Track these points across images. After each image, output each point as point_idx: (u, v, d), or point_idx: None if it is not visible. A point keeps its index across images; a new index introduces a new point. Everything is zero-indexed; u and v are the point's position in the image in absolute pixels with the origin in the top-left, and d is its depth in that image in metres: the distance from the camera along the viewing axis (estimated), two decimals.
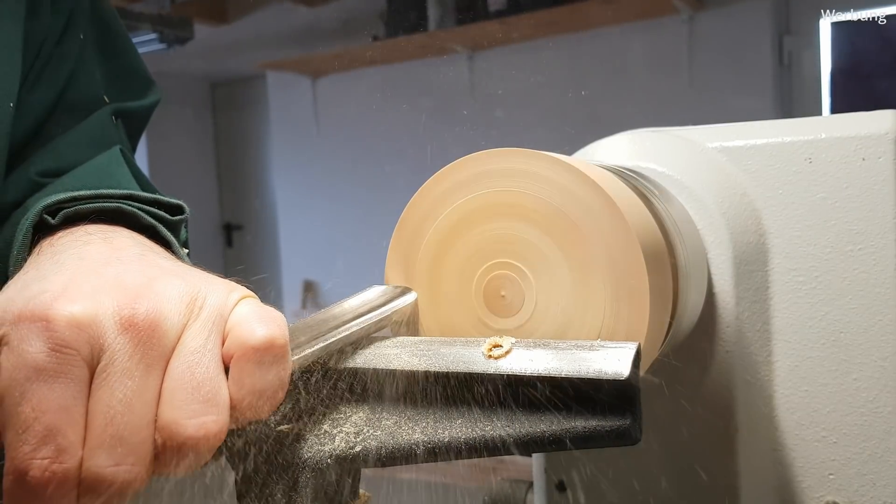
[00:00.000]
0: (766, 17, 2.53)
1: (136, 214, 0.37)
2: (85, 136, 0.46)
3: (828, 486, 0.44)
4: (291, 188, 3.65)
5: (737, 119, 0.50)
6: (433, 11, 2.89)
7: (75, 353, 0.24)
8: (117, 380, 0.24)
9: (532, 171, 0.31)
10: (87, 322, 0.25)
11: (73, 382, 0.24)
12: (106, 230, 0.34)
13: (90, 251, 0.31)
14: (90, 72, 0.48)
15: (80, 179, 0.42)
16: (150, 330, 0.25)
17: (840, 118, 0.45)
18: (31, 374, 0.24)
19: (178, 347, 0.26)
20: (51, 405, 0.23)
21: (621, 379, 0.25)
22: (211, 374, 0.25)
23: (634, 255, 0.30)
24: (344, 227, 3.47)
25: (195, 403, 0.25)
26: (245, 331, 0.26)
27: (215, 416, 0.25)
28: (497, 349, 0.28)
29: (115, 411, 0.24)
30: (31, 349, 0.24)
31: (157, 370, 0.25)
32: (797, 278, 0.45)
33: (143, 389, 0.25)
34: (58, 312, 0.25)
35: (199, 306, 0.27)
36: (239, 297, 0.28)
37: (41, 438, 0.23)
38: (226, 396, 0.25)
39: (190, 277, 0.28)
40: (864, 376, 0.43)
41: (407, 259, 0.34)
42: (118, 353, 0.25)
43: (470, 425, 0.27)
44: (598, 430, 0.25)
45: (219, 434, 0.25)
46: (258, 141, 4.28)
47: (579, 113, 2.84)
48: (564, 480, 0.48)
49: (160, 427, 0.25)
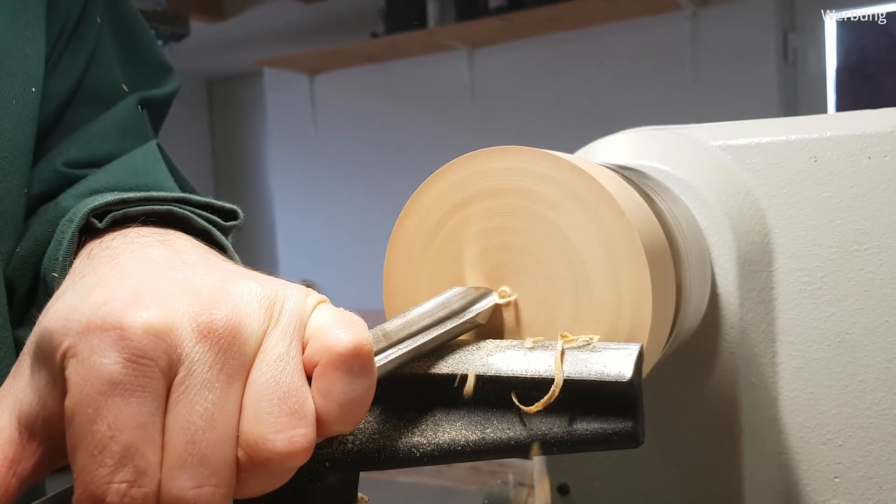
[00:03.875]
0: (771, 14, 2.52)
1: (187, 218, 0.35)
2: (113, 126, 0.44)
3: (833, 489, 0.44)
4: (289, 187, 3.64)
5: (741, 117, 0.50)
6: (432, 8, 2.88)
7: (153, 364, 0.22)
8: (197, 392, 0.22)
9: (533, 169, 0.31)
10: (164, 330, 0.23)
11: (151, 397, 0.22)
12: (160, 233, 0.32)
13: (151, 254, 0.29)
14: (109, 56, 0.46)
15: (115, 175, 0.40)
16: (231, 337, 0.23)
17: (846, 116, 0.45)
18: (105, 389, 0.21)
19: (258, 356, 0.24)
20: (129, 422, 0.21)
21: (623, 381, 0.25)
22: (296, 384, 0.23)
23: (637, 254, 0.29)
24: (343, 227, 3.46)
25: (282, 416, 0.23)
26: (330, 337, 0.24)
27: (304, 430, 0.23)
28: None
29: (197, 427, 0.22)
30: (106, 361, 0.22)
31: (238, 381, 0.23)
32: (802, 278, 0.44)
33: (224, 402, 0.23)
34: (133, 320, 0.22)
35: (277, 311, 0.25)
36: (317, 300, 0.26)
37: (119, 460, 0.21)
38: (312, 408, 0.23)
39: (263, 280, 0.26)
40: (870, 378, 0.43)
41: (406, 259, 0.33)
42: (197, 363, 0.23)
43: (471, 428, 0.27)
44: (600, 432, 0.25)
45: (308, 448, 0.23)
46: (255, 139, 4.27)
47: (581, 111, 2.83)
48: (567, 483, 0.47)
49: (244, 443, 0.23)
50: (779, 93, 2.51)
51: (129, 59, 0.48)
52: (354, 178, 3.40)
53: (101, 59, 0.46)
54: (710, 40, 2.59)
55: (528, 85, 2.96)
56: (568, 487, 0.47)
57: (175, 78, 0.52)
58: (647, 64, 2.71)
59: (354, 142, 3.40)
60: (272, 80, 3.58)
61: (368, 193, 3.35)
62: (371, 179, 3.35)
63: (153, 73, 0.50)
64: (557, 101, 2.89)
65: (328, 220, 3.51)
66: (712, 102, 2.58)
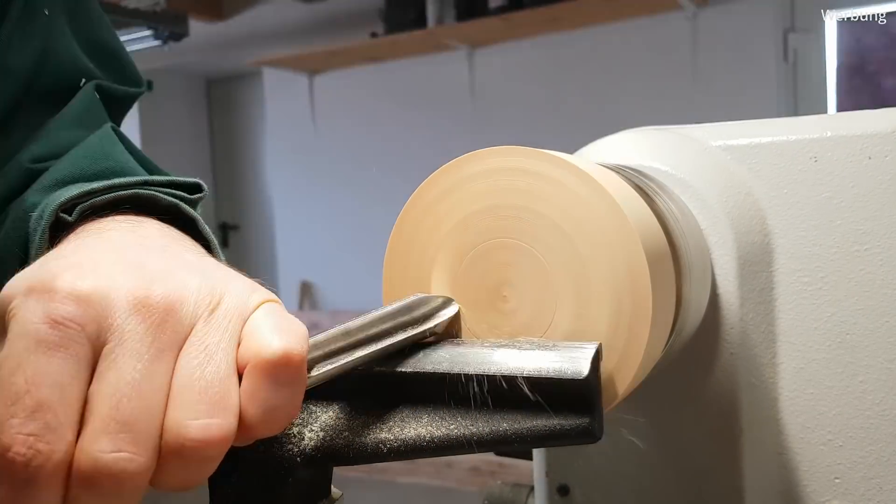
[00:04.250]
0: (771, 14, 2.52)
1: (154, 197, 0.36)
2: (73, 118, 0.45)
3: (833, 489, 0.44)
4: (288, 187, 3.63)
5: (741, 117, 0.50)
6: (432, 7, 2.88)
7: (79, 328, 0.23)
8: (126, 361, 0.23)
9: (533, 169, 0.30)
10: (96, 298, 0.23)
11: (73, 360, 0.23)
12: (133, 220, 0.33)
13: (114, 236, 0.30)
14: (65, 37, 0.46)
15: (75, 164, 0.41)
16: (165, 314, 0.24)
17: (846, 116, 0.45)
18: (30, 345, 0.22)
19: (189, 341, 0.24)
20: (46, 380, 0.22)
21: (580, 379, 0.26)
22: (220, 375, 0.24)
23: (637, 254, 0.29)
24: (342, 227, 3.46)
25: (201, 404, 0.23)
26: (261, 341, 0.24)
27: (220, 420, 0.23)
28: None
29: (122, 394, 0.22)
30: (34, 319, 0.23)
31: (168, 357, 0.24)
32: (802, 279, 0.44)
33: (152, 375, 0.23)
34: (66, 285, 0.23)
35: (216, 302, 0.25)
36: (260, 300, 0.26)
37: (30, 413, 0.22)
38: (235, 401, 0.24)
39: (211, 273, 0.27)
40: (871, 378, 0.43)
41: (405, 259, 0.33)
42: (128, 332, 0.23)
43: (436, 424, 0.28)
44: (559, 428, 0.26)
45: (224, 439, 0.23)
46: (254, 139, 4.27)
47: (581, 111, 2.83)
48: (567, 484, 0.47)
49: (163, 427, 0.23)
50: (779, 93, 2.51)
51: (88, 48, 0.48)
52: (353, 179, 3.40)
53: (58, 43, 0.45)
54: (710, 40, 2.59)
55: (527, 85, 2.96)
56: (568, 488, 0.47)
57: (141, 79, 0.52)
58: (648, 64, 2.71)
59: (354, 142, 3.39)
60: (271, 80, 3.58)
61: (368, 193, 3.34)
62: (370, 179, 3.34)
63: (112, 62, 0.50)
64: (557, 100, 2.89)
65: (327, 220, 3.50)
66: (712, 102, 2.58)
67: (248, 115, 4.25)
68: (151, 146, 4.10)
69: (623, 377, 0.30)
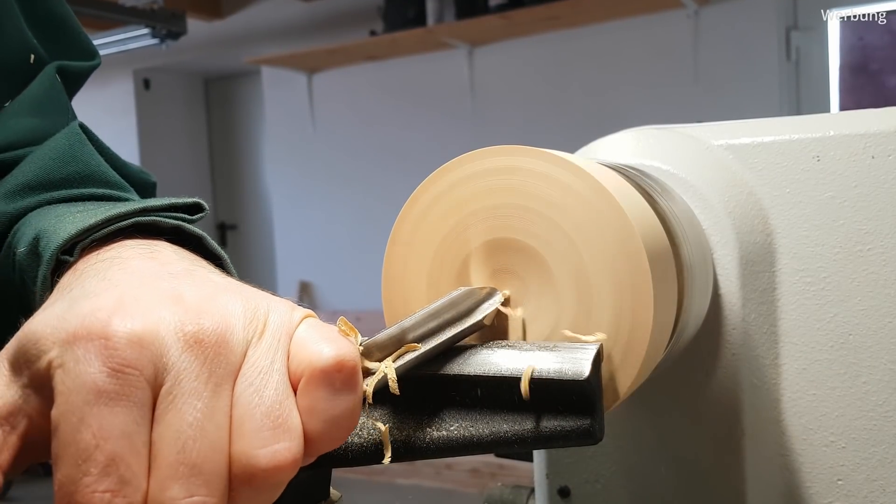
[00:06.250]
0: (773, 12, 2.51)
1: (156, 223, 0.35)
2: (30, 103, 0.43)
3: (836, 491, 0.43)
4: (287, 186, 3.63)
5: (743, 116, 0.49)
6: (432, 6, 2.87)
7: (138, 373, 0.22)
8: (186, 402, 0.22)
9: (533, 168, 0.30)
10: (149, 339, 0.23)
11: (136, 406, 0.22)
12: (146, 244, 0.32)
13: (137, 266, 0.28)
14: (11, 10, 0.44)
15: (42, 167, 0.39)
16: (218, 347, 0.23)
17: (849, 115, 0.44)
18: (90, 398, 0.21)
19: (243, 368, 0.24)
20: (113, 432, 0.21)
21: (581, 380, 0.26)
22: (280, 397, 0.23)
23: (638, 255, 0.29)
24: (341, 227, 3.45)
25: (265, 430, 0.23)
26: (312, 352, 0.24)
27: (287, 444, 0.23)
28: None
29: (187, 436, 0.22)
30: (91, 370, 0.22)
31: (226, 390, 0.23)
32: (805, 279, 0.44)
33: (213, 412, 0.23)
34: (117, 329, 0.22)
35: (262, 324, 0.25)
36: (302, 315, 0.26)
37: (103, 469, 0.21)
38: (298, 421, 0.23)
39: (247, 293, 0.26)
40: (874, 379, 0.42)
41: (405, 259, 0.33)
42: (184, 372, 0.23)
43: (435, 426, 0.27)
44: (559, 430, 0.26)
45: (294, 463, 0.23)
46: (253, 138, 4.26)
47: (582, 110, 2.83)
48: (568, 486, 0.47)
49: (231, 459, 0.23)
50: (781, 91, 2.51)
51: (35, 18, 0.46)
52: (353, 178, 3.40)
53: (1, 22, 0.44)
54: (712, 39, 2.58)
55: (528, 83, 2.95)
56: (569, 490, 0.47)
57: (95, 51, 0.50)
58: (649, 62, 2.70)
59: (353, 141, 3.39)
60: (270, 79, 3.57)
61: (367, 193, 3.34)
62: (370, 179, 3.34)
63: (63, 35, 0.48)
64: (558, 99, 2.88)
65: (326, 219, 3.50)
66: (714, 101, 2.57)
67: (247, 114, 4.24)
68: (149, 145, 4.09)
69: (624, 378, 0.29)
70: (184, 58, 3.80)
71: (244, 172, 4.31)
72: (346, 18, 3.31)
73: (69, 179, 0.40)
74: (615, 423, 0.46)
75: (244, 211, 4.33)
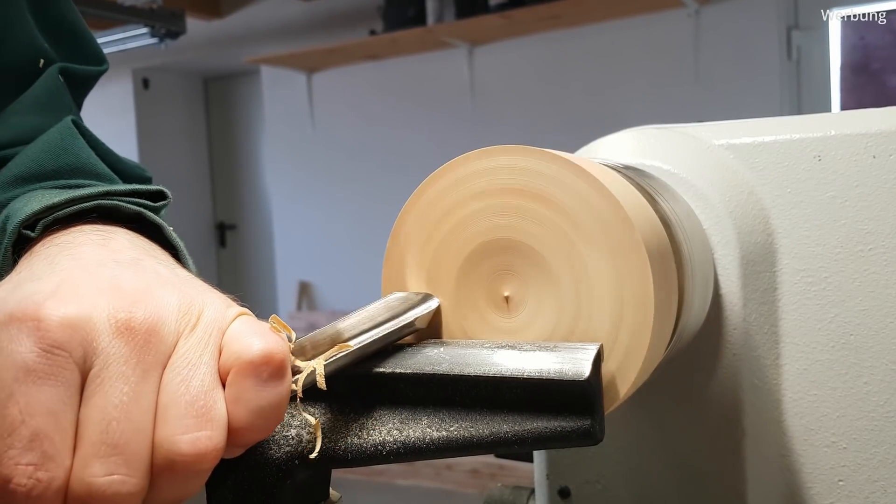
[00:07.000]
0: (774, 12, 2.51)
1: (118, 207, 0.36)
2: (33, 102, 0.44)
3: (837, 492, 0.43)
4: (286, 186, 3.63)
5: (744, 115, 0.49)
6: (432, 5, 2.87)
7: (67, 355, 0.23)
8: (113, 384, 0.23)
9: (533, 168, 0.30)
10: (80, 323, 0.24)
11: (63, 386, 0.23)
12: (102, 230, 0.33)
13: (85, 252, 0.30)
14: (21, 14, 0.45)
15: (34, 159, 0.40)
16: (148, 335, 0.24)
17: (850, 115, 0.44)
18: (19, 375, 0.23)
19: (172, 358, 0.25)
20: (39, 408, 0.22)
21: (581, 380, 0.26)
22: (205, 388, 0.24)
23: (639, 254, 0.29)
24: (340, 227, 3.45)
25: (188, 418, 0.24)
26: (242, 344, 0.25)
27: (210, 432, 0.24)
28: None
29: (112, 417, 0.23)
30: (21, 349, 0.23)
31: (154, 377, 0.24)
32: (806, 279, 0.43)
33: (139, 396, 0.24)
34: (50, 312, 0.24)
35: (196, 317, 0.26)
36: (237, 312, 0.27)
37: (27, 443, 0.22)
38: (222, 412, 0.24)
39: (186, 288, 0.27)
40: (875, 380, 0.42)
41: (405, 259, 0.33)
42: (113, 356, 0.24)
43: (436, 425, 0.27)
44: (559, 430, 0.26)
45: (213, 452, 0.24)
46: (252, 138, 4.26)
47: (582, 109, 2.83)
48: (568, 487, 0.47)
49: (153, 444, 0.24)
50: (782, 91, 2.51)
51: (45, 22, 0.47)
52: (352, 177, 3.39)
53: (11, 26, 0.44)
54: (712, 38, 2.58)
55: (528, 83, 2.95)
56: (569, 490, 0.47)
57: (103, 57, 0.50)
58: (649, 62, 2.70)
59: (352, 140, 3.39)
60: (269, 78, 3.57)
61: (367, 192, 3.34)
62: (369, 178, 3.34)
63: (72, 39, 0.48)
64: (558, 99, 2.88)
65: (326, 219, 3.49)
66: (715, 101, 2.57)
67: (246, 114, 4.23)
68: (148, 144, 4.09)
69: (625, 378, 0.29)
70: (183, 57, 3.80)
71: (243, 172, 4.31)
72: (345, 18, 3.31)
73: (60, 171, 0.40)
74: (615, 423, 0.46)
75: (243, 211, 4.32)
